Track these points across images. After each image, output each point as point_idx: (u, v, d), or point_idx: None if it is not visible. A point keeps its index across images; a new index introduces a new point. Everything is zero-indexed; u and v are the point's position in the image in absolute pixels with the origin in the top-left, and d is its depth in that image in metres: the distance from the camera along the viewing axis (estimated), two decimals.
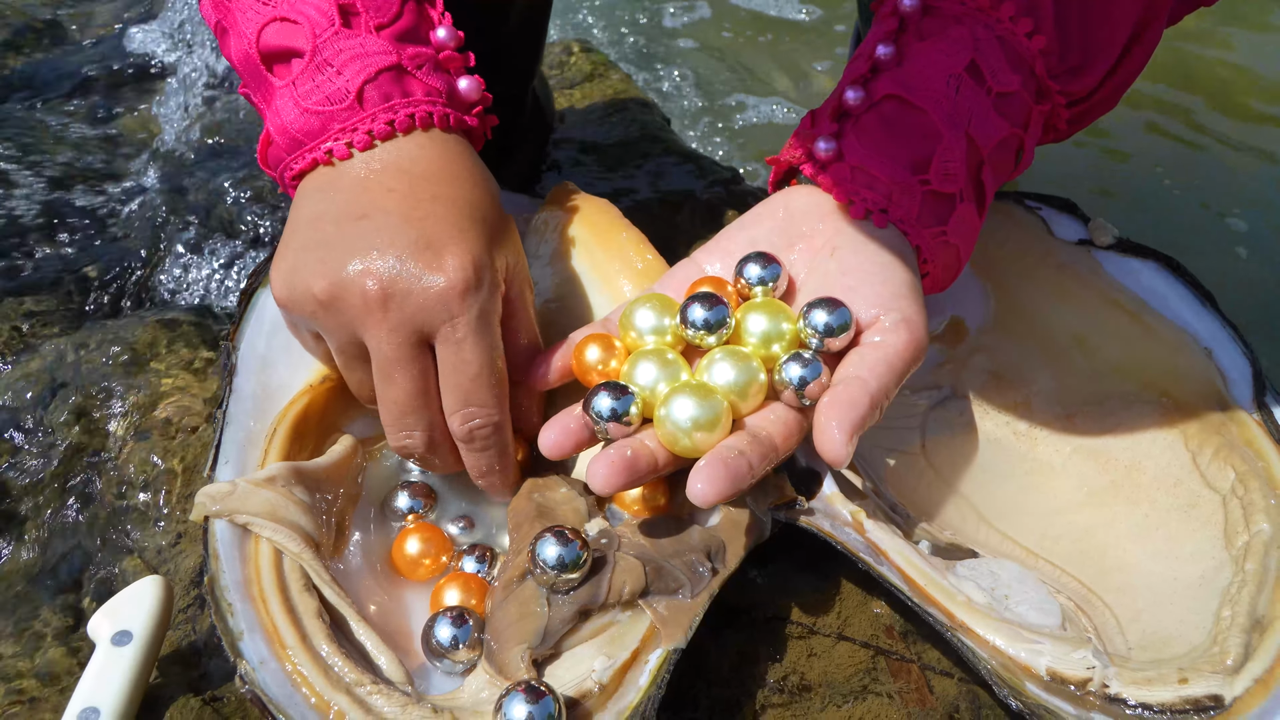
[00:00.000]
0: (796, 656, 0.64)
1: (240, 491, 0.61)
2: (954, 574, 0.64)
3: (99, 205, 1.06)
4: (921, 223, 0.67)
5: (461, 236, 0.63)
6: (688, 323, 0.65)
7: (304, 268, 0.62)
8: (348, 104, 0.64)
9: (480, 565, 0.66)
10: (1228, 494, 0.68)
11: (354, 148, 0.64)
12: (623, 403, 0.62)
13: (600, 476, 0.59)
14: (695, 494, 0.57)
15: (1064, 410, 0.76)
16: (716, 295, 0.65)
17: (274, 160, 0.67)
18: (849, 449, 0.58)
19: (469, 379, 0.63)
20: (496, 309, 0.64)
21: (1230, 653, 0.59)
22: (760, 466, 0.60)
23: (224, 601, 0.57)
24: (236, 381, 0.67)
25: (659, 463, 0.61)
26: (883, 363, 0.62)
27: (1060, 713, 0.56)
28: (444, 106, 0.66)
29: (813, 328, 0.63)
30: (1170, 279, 0.76)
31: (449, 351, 0.62)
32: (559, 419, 0.63)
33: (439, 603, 0.63)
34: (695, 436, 0.60)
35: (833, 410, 0.60)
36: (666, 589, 0.61)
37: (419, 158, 0.65)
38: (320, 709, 0.54)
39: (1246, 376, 0.71)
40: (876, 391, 0.61)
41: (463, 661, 0.60)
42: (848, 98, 0.68)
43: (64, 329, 0.89)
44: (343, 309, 0.62)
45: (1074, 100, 0.71)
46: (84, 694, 0.56)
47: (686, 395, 0.61)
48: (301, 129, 0.64)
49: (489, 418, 0.64)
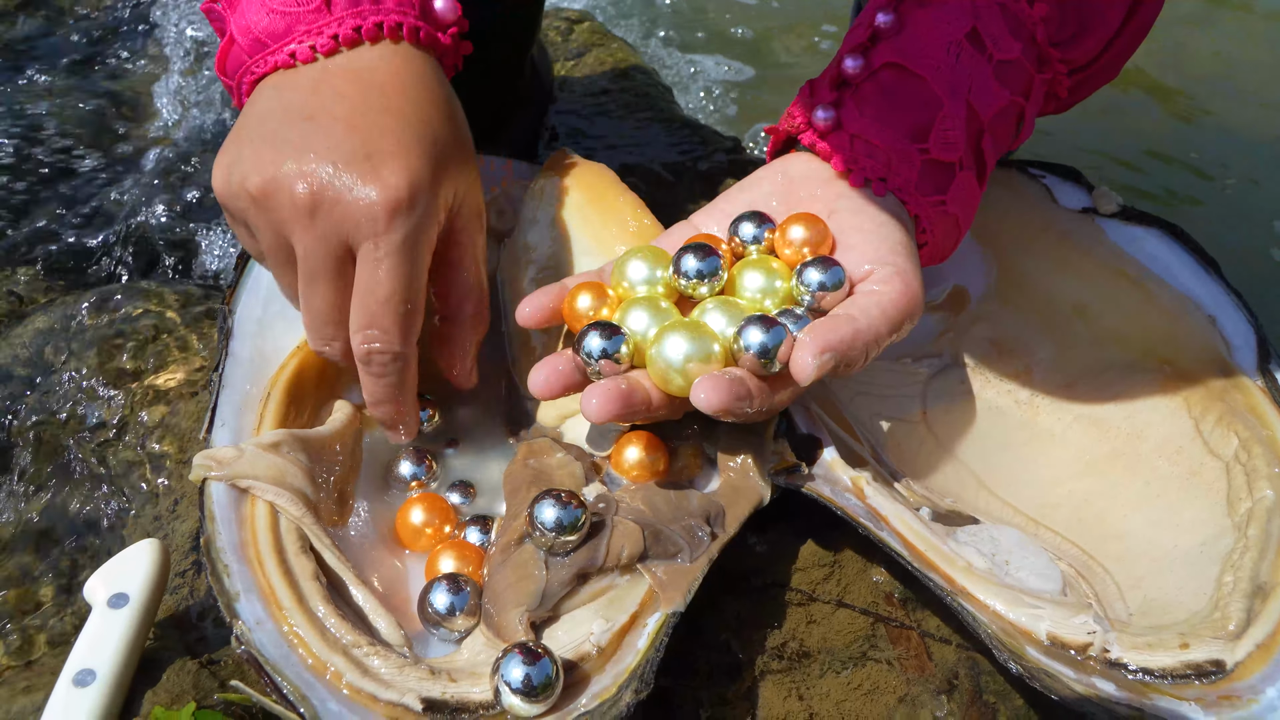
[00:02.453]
0: (796, 623, 0.64)
1: (248, 456, 0.61)
2: (954, 540, 0.64)
3: (96, 173, 1.06)
4: (921, 191, 0.66)
5: (404, 153, 0.60)
6: (680, 272, 0.64)
7: (243, 161, 0.60)
8: (314, 5, 0.62)
9: (484, 536, 0.65)
10: (1230, 460, 0.67)
11: (317, 50, 0.62)
12: (613, 342, 0.61)
13: (594, 406, 0.59)
14: (698, 399, 0.57)
15: (1065, 379, 0.76)
16: (709, 246, 0.65)
17: (234, 65, 0.65)
18: (815, 365, 0.58)
19: (377, 301, 0.60)
20: (428, 238, 0.61)
21: (1232, 618, 0.59)
22: (759, 398, 0.60)
23: (220, 563, 0.57)
24: (233, 345, 0.67)
25: (652, 401, 0.61)
26: (875, 307, 0.61)
27: (1060, 676, 0.56)
28: (415, 19, 0.64)
29: (806, 285, 0.63)
30: (1173, 246, 0.76)
31: (365, 269, 0.60)
32: (549, 360, 0.63)
33: (434, 570, 0.63)
34: (688, 372, 0.60)
35: (810, 332, 0.59)
36: (665, 553, 0.61)
37: (379, 67, 0.63)
38: (317, 669, 0.54)
39: (1250, 343, 0.71)
40: (864, 329, 0.60)
41: (459, 629, 0.60)
42: (847, 66, 0.68)
43: (62, 295, 0.89)
44: (273, 208, 0.60)
45: (1075, 68, 0.71)
46: (80, 656, 0.56)
47: (678, 333, 0.60)
48: (266, 30, 0.62)
49: (389, 345, 0.61)
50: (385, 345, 0.61)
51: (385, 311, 0.60)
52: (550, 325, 0.68)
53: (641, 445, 0.65)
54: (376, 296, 0.60)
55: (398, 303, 0.60)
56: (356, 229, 0.59)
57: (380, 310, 0.60)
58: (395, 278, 0.60)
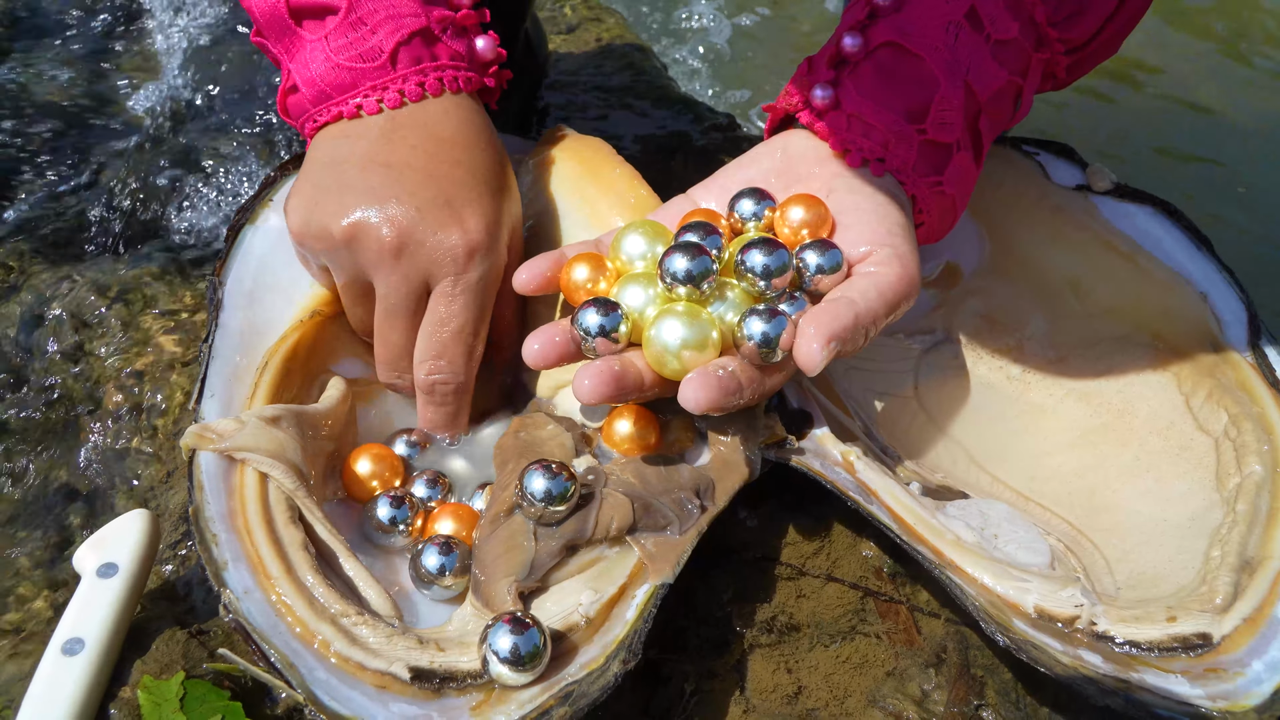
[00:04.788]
0: (785, 597, 0.64)
1: (250, 428, 0.61)
2: (943, 514, 0.64)
3: (91, 145, 1.05)
4: (918, 172, 0.66)
5: (479, 201, 0.66)
6: (666, 273, 0.61)
7: (324, 206, 0.64)
8: (380, 63, 0.66)
9: (432, 490, 0.67)
10: (1220, 436, 0.68)
11: (384, 104, 0.66)
12: (611, 319, 0.61)
13: (586, 387, 0.59)
14: (686, 400, 0.58)
15: (1056, 353, 0.76)
16: (699, 246, 0.62)
17: (296, 109, 0.69)
18: (823, 355, 0.58)
19: (449, 333, 0.65)
20: (497, 274, 0.67)
21: (1219, 592, 0.59)
22: (750, 389, 0.60)
23: (208, 532, 0.57)
24: (222, 317, 0.67)
25: (645, 382, 0.61)
26: (873, 289, 0.61)
27: (1047, 649, 0.56)
28: (466, 70, 0.69)
29: (804, 267, 0.63)
30: (1166, 223, 0.75)
31: (440, 303, 0.65)
32: (545, 330, 0.63)
33: (429, 530, 0.63)
34: (684, 357, 0.60)
35: (813, 320, 0.59)
36: (655, 525, 0.61)
37: (444, 122, 0.67)
38: (305, 638, 0.54)
39: (1241, 319, 0.71)
40: (863, 311, 0.60)
41: (449, 587, 0.61)
42: (845, 44, 0.68)
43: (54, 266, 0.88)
44: (358, 250, 0.64)
45: (1072, 47, 0.70)
46: (68, 625, 0.56)
47: (675, 317, 0.60)
48: (332, 82, 0.66)
49: (454, 376, 0.66)
50: (450, 376, 0.66)
51: (454, 344, 0.66)
52: (547, 292, 0.68)
53: (633, 419, 0.65)
54: (449, 329, 0.65)
55: (467, 336, 0.66)
56: (439, 269, 0.64)
57: (450, 342, 0.65)
58: (469, 312, 0.65)
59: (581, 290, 0.65)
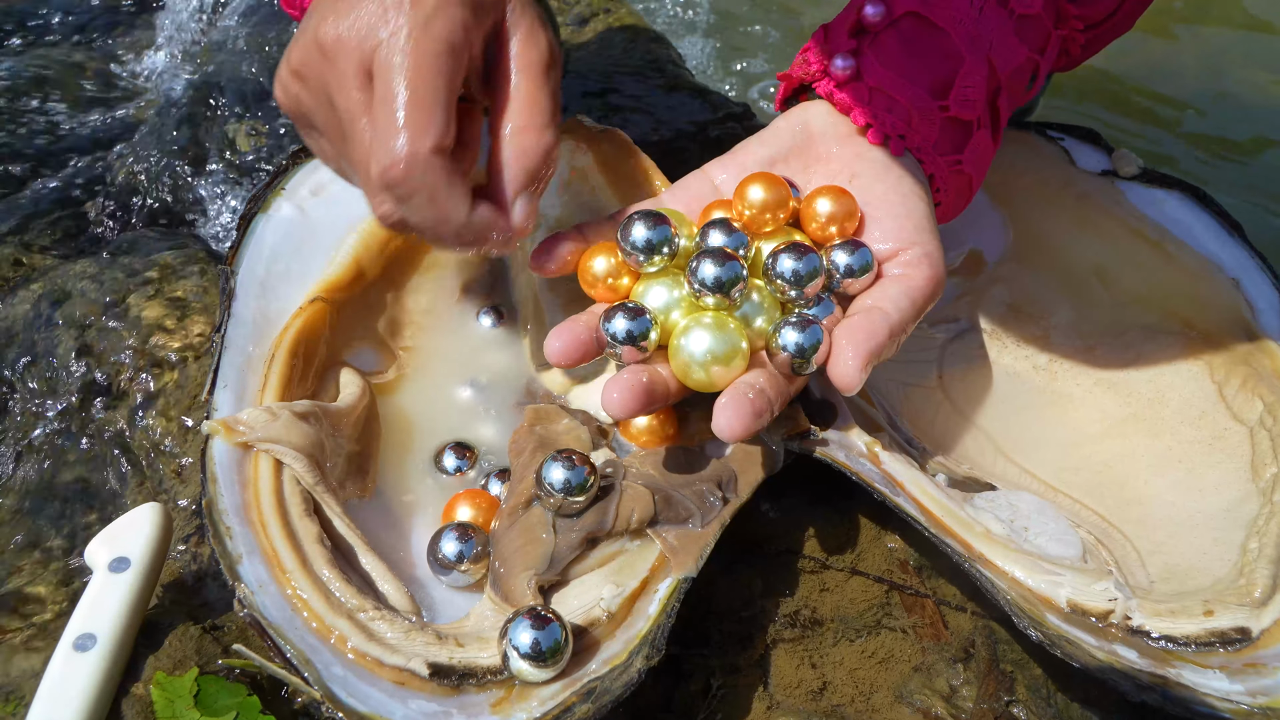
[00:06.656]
0: (809, 591, 0.63)
1: (282, 421, 0.60)
2: (971, 505, 0.63)
3: (101, 134, 1.05)
4: (938, 150, 0.65)
5: None
6: (694, 280, 0.60)
7: (308, 31, 0.56)
8: None
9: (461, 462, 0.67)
10: (1255, 425, 0.66)
11: None
12: (639, 324, 0.59)
13: (616, 401, 0.57)
14: (721, 429, 0.56)
15: (1084, 342, 0.75)
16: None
17: None
18: (862, 377, 0.57)
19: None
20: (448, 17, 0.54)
21: (1258, 585, 0.58)
22: (779, 403, 0.59)
23: (222, 525, 0.56)
24: (235, 306, 0.66)
25: (671, 391, 0.60)
26: (904, 296, 0.60)
27: (1082, 644, 0.55)
28: None
29: (834, 268, 0.61)
30: (1195, 209, 0.74)
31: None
32: (568, 327, 0.61)
33: (450, 517, 0.62)
34: (711, 370, 0.58)
35: (850, 337, 0.58)
36: (676, 518, 0.60)
37: None
38: (321, 633, 0.53)
39: (1275, 306, 0.70)
40: (896, 324, 0.59)
41: (466, 572, 0.60)
42: (867, 13, 0.66)
43: (67, 256, 0.88)
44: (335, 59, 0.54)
45: (1091, 24, 0.69)
46: (80, 619, 0.56)
47: (703, 329, 0.59)
48: None
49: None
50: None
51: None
52: (566, 274, 0.66)
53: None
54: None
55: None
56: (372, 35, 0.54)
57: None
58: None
59: (601, 284, 0.63)
